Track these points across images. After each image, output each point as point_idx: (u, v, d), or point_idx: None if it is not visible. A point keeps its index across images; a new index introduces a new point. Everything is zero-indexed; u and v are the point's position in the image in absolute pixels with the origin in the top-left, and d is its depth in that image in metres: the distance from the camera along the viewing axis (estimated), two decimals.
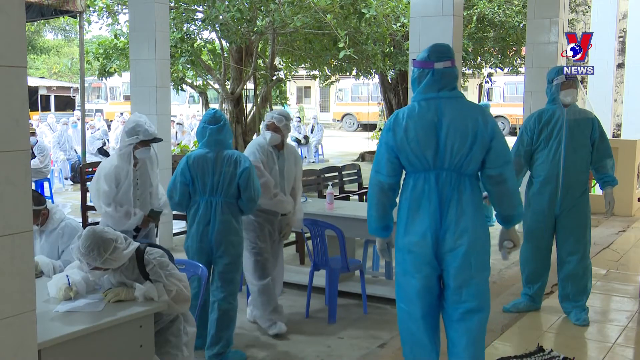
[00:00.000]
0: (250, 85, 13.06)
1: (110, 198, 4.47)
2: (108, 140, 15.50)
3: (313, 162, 17.96)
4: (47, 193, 10.69)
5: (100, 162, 4.92)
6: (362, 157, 18.56)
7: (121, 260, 3.25)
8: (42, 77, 31.42)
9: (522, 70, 13.51)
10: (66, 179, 13.41)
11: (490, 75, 16.63)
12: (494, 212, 3.53)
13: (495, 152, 3.25)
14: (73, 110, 25.06)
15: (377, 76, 16.60)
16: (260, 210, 4.73)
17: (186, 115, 23.28)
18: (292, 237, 6.98)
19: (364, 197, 8.50)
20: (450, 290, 3.31)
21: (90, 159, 12.04)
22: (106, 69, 12.44)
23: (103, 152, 13.69)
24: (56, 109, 26.64)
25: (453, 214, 3.23)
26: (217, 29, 11.02)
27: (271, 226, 4.90)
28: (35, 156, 10.43)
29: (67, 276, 3.28)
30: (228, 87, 12.21)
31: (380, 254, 3.57)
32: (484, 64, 15.64)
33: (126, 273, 3.32)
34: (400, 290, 3.42)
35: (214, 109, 4.56)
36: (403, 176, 3.41)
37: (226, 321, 4.35)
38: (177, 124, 16.74)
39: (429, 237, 3.25)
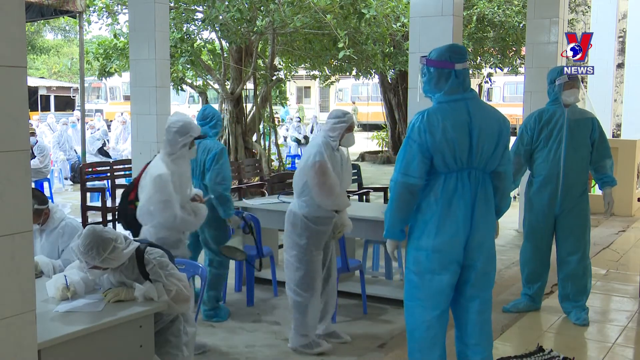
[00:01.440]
0: (250, 85, 13.05)
1: (179, 205, 4.16)
2: (108, 140, 15.47)
3: None
4: (47, 193, 10.68)
5: (97, 161, 4.78)
6: (362, 157, 18.55)
7: (120, 259, 3.25)
8: (42, 77, 31.42)
9: (521, 70, 13.50)
10: (66, 179, 13.42)
11: (490, 75, 16.61)
12: None
13: (508, 151, 3.44)
14: (73, 110, 25.04)
15: (377, 76, 16.60)
16: (318, 217, 4.47)
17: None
18: None
19: (364, 197, 8.49)
20: (469, 284, 3.40)
21: (90, 159, 12.03)
22: (106, 69, 12.42)
23: (103, 152, 13.67)
24: (56, 109, 26.62)
25: (482, 211, 3.31)
26: (217, 29, 11.01)
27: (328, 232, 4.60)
28: (35, 156, 10.43)
29: (65, 276, 3.28)
30: (228, 87, 12.20)
31: (392, 256, 3.49)
32: (483, 64, 15.63)
33: (126, 273, 3.32)
34: (417, 288, 3.39)
35: (205, 105, 5.14)
36: None
37: (214, 282, 5.08)
38: None
39: (461, 235, 3.29)
